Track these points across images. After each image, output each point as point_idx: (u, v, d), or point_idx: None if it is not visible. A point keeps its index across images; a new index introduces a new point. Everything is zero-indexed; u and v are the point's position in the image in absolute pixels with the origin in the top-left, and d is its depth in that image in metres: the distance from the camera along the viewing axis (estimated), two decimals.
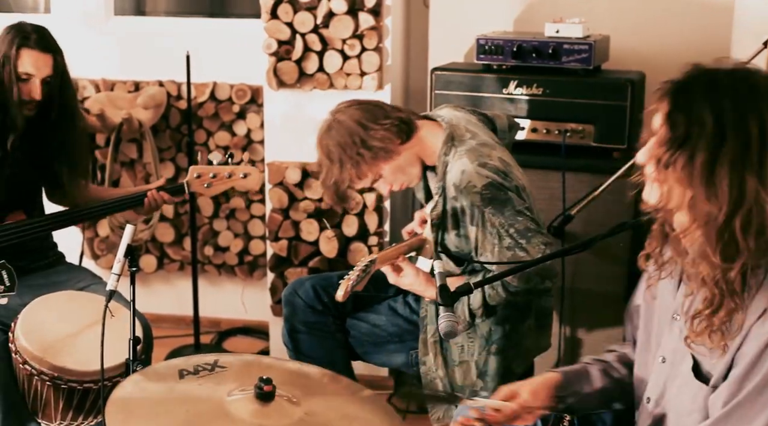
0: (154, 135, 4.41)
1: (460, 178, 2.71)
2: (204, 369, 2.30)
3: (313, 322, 3.10)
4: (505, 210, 2.69)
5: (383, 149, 2.78)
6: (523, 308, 2.89)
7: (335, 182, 2.82)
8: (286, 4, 3.84)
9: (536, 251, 2.66)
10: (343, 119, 2.80)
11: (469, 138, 2.80)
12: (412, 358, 3.03)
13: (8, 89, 3.08)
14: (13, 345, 2.79)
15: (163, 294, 4.72)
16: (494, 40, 3.59)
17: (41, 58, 3.11)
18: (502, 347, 2.88)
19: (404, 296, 3.10)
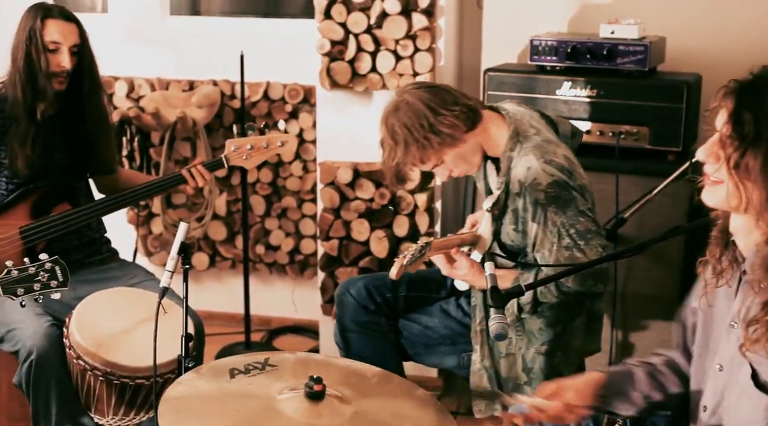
0: (207, 134, 4.45)
1: (525, 175, 2.69)
2: (255, 367, 2.32)
3: (365, 321, 3.10)
4: (568, 210, 2.67)
5: (450, 136, 2.74)
6: (575, 308, 2.87)
7: (397, 163, 2.79)
8: (340, 4, 3.85)
9: (593, 254, 2.64)
10: (412, 101, 2.74)
11: (534, 134, 2.78)
12: (463, 360, 3.02)
13: (36, 61, 3.13)
14: (68, 340, 2.83)
15: (215, 292, 4.76)
16: (548, 40, 3.56)
17: (67, 27, 3.17)
18: (551, 348, 2.86)
19: (456, 299, 3.09)
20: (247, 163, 3.38)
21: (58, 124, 3.26)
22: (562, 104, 3.53)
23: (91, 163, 3.39)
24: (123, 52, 4.57)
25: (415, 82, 2.87)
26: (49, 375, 2.92)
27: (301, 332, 4.66)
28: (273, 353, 2.44)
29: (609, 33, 3.52)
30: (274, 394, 2.17)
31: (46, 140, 3.22)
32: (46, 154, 3.22)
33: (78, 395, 2.90)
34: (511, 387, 2.86)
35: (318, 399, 2.13)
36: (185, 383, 2.25)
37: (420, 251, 2.73)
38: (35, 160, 3.17)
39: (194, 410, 2.13)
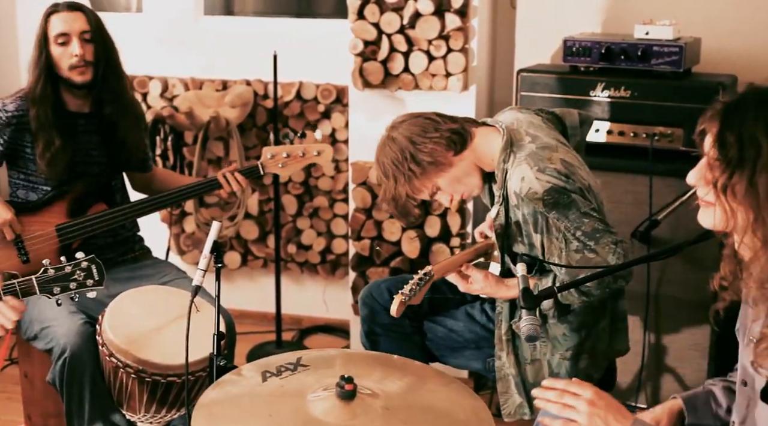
0: (240, 133, 4.46)
1: (520, 186, 2.68)
2: (287, 369, 2.32)
3: (390, 324, 3.10)
4: (570, 213, 2.65)
5: (433, 162, 2.78)
6: (598, 310, 2.85)
7: (393, 198, 2.84)
8: (373, 4, 3.86)
9: (606, 251, 2.62)
10: (395, 136, 2.82)
11: (529, 142, 2.76)
12: (489, 364, 3.01)
13: (51, 58, 3.16)
14: (100, 337, 2.85)
15: (247, 290, 4.78)
16: (582, 41, 3.54)
17: (70, 16, 3.18)
18: (576, 352, 2.85)
19: (481, 303, 3.08)
20: (282, 171, 3.40)
21: (93, 122, 3.29)
22: (596, 105, 3.51)
23: (126, 156, 3.40)
24: (157, 51, 4.60)
25: (404, 114, 2.90)
26: (83, 372, 2.94)
27: (332, 332, 4.67)
28: (305, 352, 2.45)
29: (643, 34, 3.50)
30: (306, 396, 2.17)
31: (82, 139, 3.25)
32: (83, 152, 3.25)
33: (110, 392, 2.92)
34: None
35: (350, 398, 2.13)
36: (218, 389, 2.26)
37: (419, 283, 2.75)
38: (61, 157, 3.20)
39: (227, 416, 2.13)
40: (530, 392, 2.87)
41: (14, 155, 3.25)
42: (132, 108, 3.39)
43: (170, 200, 3.40)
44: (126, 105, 3.34)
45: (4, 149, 3.21)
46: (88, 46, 3.20)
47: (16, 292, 2.48)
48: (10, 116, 3.17)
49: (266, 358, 2.41)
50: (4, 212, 3.13)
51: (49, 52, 3.18)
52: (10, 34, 4.90)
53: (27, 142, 3.21)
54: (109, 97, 3.28)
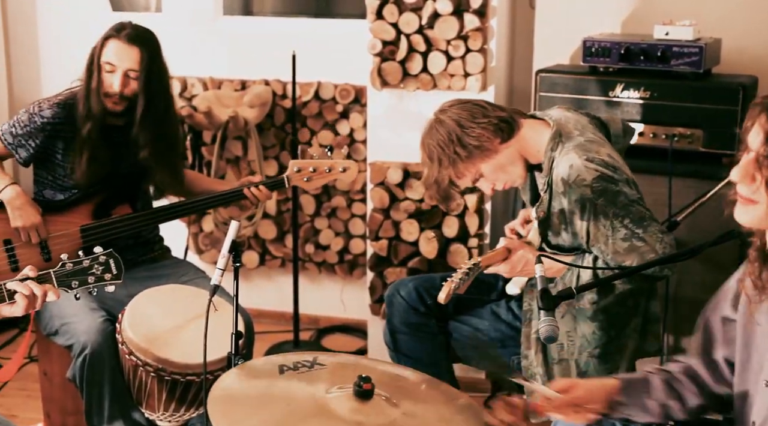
0: (258, 133, 4.47)
1: (568, 173, 2.68)
2: (303, 366, 2.33)
3: (415, 323, 3.10)
4: (618, 200, 2.65)
5: (479, 147, 2.77)
6: (631, 309, 2.84)
7: (435, 181, 2.83)
8: (392, 4, 3.86)
9: (654, 240, 2.62)
10: (443, 119, 2.81)
11: (577, 135, 2.77)
12: (513, 363, 3.01)
13: (90, 79, 3.16)
14: (120, 336, 2.86)
15: (264, 290, 4.79)
16: (601, 42, 3.53)
17: (125, 50, 3.14)
18: (605, 352, 2.84)
19: (507, 302, 3.08)
20: (307, 185, 3.42)
21: (126, 135, 3.27)
22: (615, 106, 3.50)
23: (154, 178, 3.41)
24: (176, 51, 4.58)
25: (452, 100, 2.89)
26: (103, 370, 2.96)
27: (350, 332, 4.67)
28: (321, 353, 2.46)
29: (663, 34, 3.49)
30: (323, 392, 2.18)
31: (111, 150, 3.25)
32: (111, 163, 3.25)
33: (130, 390, 2.94)
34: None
35: (366, 398, 2.14)
36: (234, 378, 2.27)
37: (468, 273, 2.74)
38: (96, 171, 3.21)
39: (243, 405, 2.15)
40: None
41: (44, 158, 3.27)
42: (165, 142, 3.33)
43: (193, 209, 3.44)
44: (161, 150, 3.30)
45: (35, 152, 3.23)
46: (130, 82, 3.17)
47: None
48: (45, 122, 3.18)
49: (283, 354, 2.42)
50: (33, 215, 3.15)
51: (90, 69, 3.16)
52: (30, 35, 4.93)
53: (59, 148, 3.23)
54: (145, 137, 3.24)
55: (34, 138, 3.20)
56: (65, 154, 3.23)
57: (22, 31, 4.88)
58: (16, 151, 3.23)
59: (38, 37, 4.92)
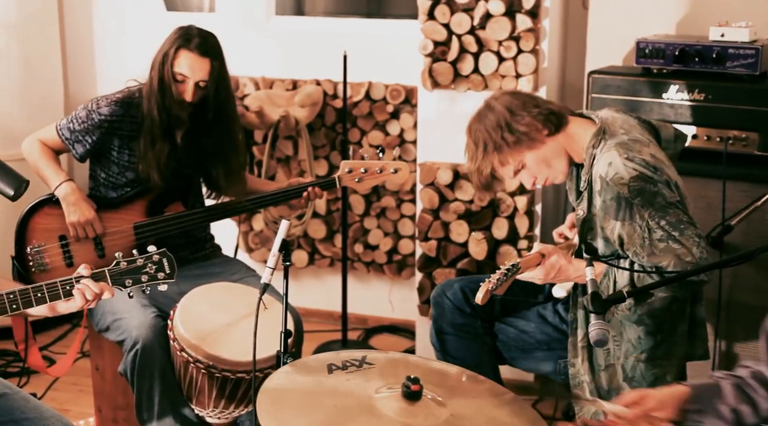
0: (309, 133, 4.49)
1: (606, 170, 2.66)
2: (352, 364, 2.34)
3: (461, 324, 3.10)
4: (655, 201, 2.62)
5: (527, 135, 2.75)
6: (677, 315, 2.81)
7: (478, 168, 2.82)
8: (444, 5, 3.85)
9: (691, 243, 2.58)
10: (494, 105, 2.80)
11: (622, 133, 2.75)
12: (560, 366, 2.99)
13: (167, 87, 3.18)
14: (172, 332, 2.89)
15: (313, 289, 4.81)
16: (655, 43, 3.49)
17: (197, 62, 3.17)
18: (651, 356, 2.81)
19: (554, 304, 3.06)
20: (359, 186, 3.43)
21: (188, 136, 3.31)
22: (668, 108, 3.46)
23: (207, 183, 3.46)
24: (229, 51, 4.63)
25: (504, 89, 2.88)
26: (153, 365, 2.99)
27: (398, 332, 4.67)
28: (370, 351, 2.46)
29: (719, 36, 3.44)
30: (371, 392, 2.19)
31: (173, 152, 3.28)
32: (173, 164, 3.29)
33: (180, 386, 2.97)
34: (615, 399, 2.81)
35: (414, 399, 2.14)
36: (283, 376, 2.29)
37: (506, 274, 2.72)
38: (163, 171, 3.25)
39: (292, 403, 2.16)
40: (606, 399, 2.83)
41: (99, 155, 3.31)
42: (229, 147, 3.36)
43: (244, 208, 3.47)
44: (226, 155, 3.34)
45: (91, 148, 3.28)
46: (199, 92, 3.21)
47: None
48: (102, 120, 3.23)
49: (332, 353, 2.43)
50: (87, 211, 3.20)
51: (162, 76, 3.17)
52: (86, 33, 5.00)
53: (114, 146, 3.27)
54: (212, 144, 3.30)
55: (91, 134, 3.24)
56: (120, 151, 3.28)
57: (79, 30, 4.96)
58: (73, 147, 3.28)
59: (93, 35, 4.99)
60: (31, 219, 3.23)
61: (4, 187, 2.41)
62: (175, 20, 4.77)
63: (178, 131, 3.26)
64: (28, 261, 3.20)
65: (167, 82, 3.17)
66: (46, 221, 3.23)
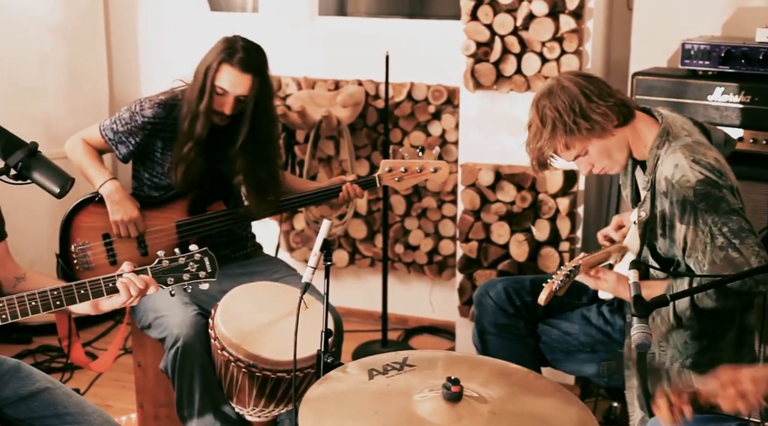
0: (351, 133, 4.50)
1: (672, 172, 2.62)
2: (393, 368, 2.33)
3: (504, 324, 3.09)
4: (720, 207, 2.58)
5: (600, 124, 2.69)
6: (726, 322, 2.77)
7: (541, 147, 2.74)
8: (487, 6, 3.84)
9: (750, 253, 2.54)
10: (567, 85, 2.71)
11: (685, 135, 2.72)
12: (603, 369, 2.97)
13: (202, 98, 3.19)
14: (213, 331, 2.91)
15: (353, 289, 4.81)
16: (701, 44, 3.46)
17: (238, 78, 3.17)
18: (697, 361, 2.77)
19: (598, 306, 3.04)
20: (398, 185, 3.43)
21: (226, 140, 3.31)
22: (714, 110, 3.42)
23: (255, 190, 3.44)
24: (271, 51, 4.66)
25: (571, 70, 2.81)
26: (194, 363, 3.01)
27: (438, 333, 4.67)
28: (411, 352, 2.46)
29: (765, 37, 3.40)
30: (412, 396, 2.18)
31: (210, 153, 3.29)
32: (209, 164, 3.29)
33: (221, 384, 2.98)
34: None
35: (456, 400, 2.13)
36: (325, 384, 2.28)
37: (569, 275, 2.69)
38: (193, 177, 3.26)
39: (332, 413, 2.15)
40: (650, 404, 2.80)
41: (143, 156, 3.34)
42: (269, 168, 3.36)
43: (286, 207, 3.48)
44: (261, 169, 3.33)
45: (134, 150, 3.30)
46: (239, 104, 3.21)
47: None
48: (145, 121, 3.25)
49: (373, 357, 2.43)
50: (130, 209, 3.23)
51: (203, 87, 3.18)
52: (131, 34, 5.04)
53: (157, 147, 3.30)
54: (245, 160, 3.29)
55: (134, 136, 3.27)
56: (163, 152, 3.30)
57: (123, 31, 5.01)
58: (116, 148, 3.31)
59: (138, 36, 5.04)
60: (76, 217, 3.26)
61: (50, 185, 2.43)
62: (218, 21, 4.82)
63: (190, 142, 3.22)
64: (72, 259, 3.24)
65: (206, 93, 3.18)
66: (91, 219, 3.27)
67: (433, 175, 3.41)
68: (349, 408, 2.17)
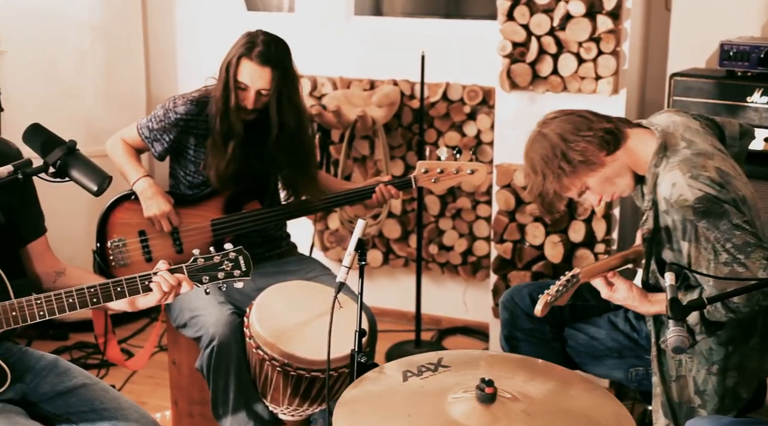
0: (386, 133, 4.50)
1: (670, 192, 2.60)
2: (427, 369, 2.33)
3: (530, 329, 3.08)
4: (721, 224, 2.55)
5: (584, 162, 2.70)
6: (748, 328, 2.74)
7: (540, 194, 2.78)
8: (523, 6, 3.82)
9: (757, 266, 2.50)
10: (546, 132, 2.75)
11: (684, 147, 2.67)
12: (631, 375, 2.95)
13: (228, 95, 3.20)
14: (248, 330, 2.92)
15: (387, 289, 4.81)
16: (740, 45, 3.43)
17: (257, 71, 3.18)
18: (723, 368, 2.74)
19: (625, 311, 3.01)
20: (434, 186, 3.42)
21: (257, 135, 3.32)
22: (753, 112, 3.39)
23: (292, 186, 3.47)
24: (308, 51, 4.69)
25: (556, 110, 2.82)
26: (229, 361, 3.03)
27: (471, 334, 4.66)
28: (446, 353, 2.45)
29: None
30: (446, 397, 2.18)
31: (243, 150, 3.30)
32: (242, 162, 3.31)
33: (255, 383, 3.00)
34: (686, 412, 2.76)
35: (490, 401, 2.12)
36: (359, 387, 2.28)
37: (566, 285, 2.70)
38: (229, 172, 3.28)
39: (366, 415, 2.16)
40: (676, 411, 2.78)
41: (177, 154, 3.37)
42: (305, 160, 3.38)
43: (321, 206, 3.48)
44: (297, 161, 3.36)
45: (169, 147, 3.33)
46: (261, 99, 3.23)
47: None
48: (178, 118, 3.28)
49: (407, 358, 2.43)
50: (163, 204, 3.26)
51: (226, 84, 3.20)
52: (168, 33, 5.08)
53: (191, 144, 3.32)
54: (282, 155, 3.32)
55: (168, 133, 3.29)
56: (196, 150, 3.32)
57: (161, 31, 5.04)
58: (152, 145, 3.33)
59: (175, 36, 5.07)
60: (112, 214, 3.29)
61: (88, 183, 2.46)
62: (255, 20, 4.84)
63: (231, 141, 3.24)
64: (108, 255, 3.26)
65: (230, 90, 3.20)
66: (127, 216, 3.30)
67: (469, 176, 3.39)
68: (383, 409, 2.17)
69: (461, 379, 2.26)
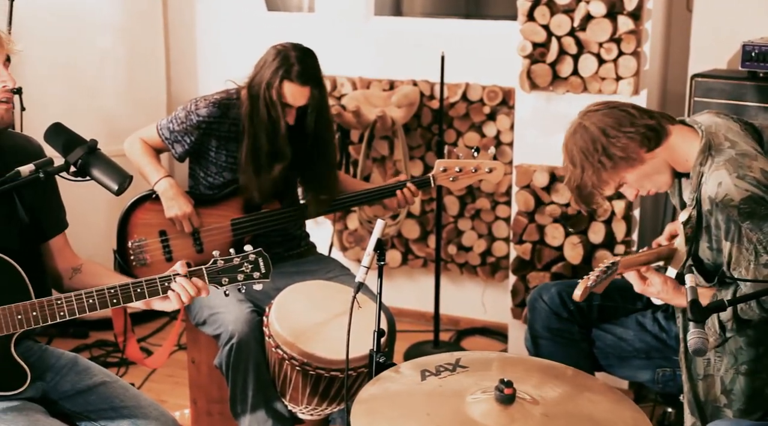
0: (405, 133, 4.50)
1: (716, 191, 2.58)
2: (446, 369, 2.33)
3: (557, 328, 3.07)
4: (765, 225, 2.54)
5: (624, 158, 2.69)
6: None
7: (577, 186, 2.77)
8: (544, 6, 3.82)
9: None
10: (587, 124, 2.73)
11: (728, 147, 2.66)
12: (658, 376, 2.94)
13: (276, 117, 3.22)
14: (267, 329, 2.93)
15: (406, 289, 4.81)
16: (762, 46, 3.41)
17: (298, 91, 3.21)
18: (752, 369, 2.73)
19: (653, 312, 3.00)
20: (453, 185, 3.43)
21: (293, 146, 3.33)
22: None
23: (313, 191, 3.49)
24: (327, 51, 4.68)
25: (599, 102, 2.80)
26: (248, 359, 3.03)
27: (490, 334, 4.65)
28: (464, 353, 2.45)
29: None
30: (465, 397, 2.17)
31: (270, 155, 3.31)
32: (269, 164, 3.31)
33: (274, 382, 3.00)
34: (711, 411, 2.74)
35: (508, 402, 2.12)
36: (377, 385, 2.29)
37: (606, 272, 2.68)
38: (265, 193, 3.31)
39: (385, 413, 2.16)
40: (703, 410, 2.76)
41: (198, 155, 3.38)
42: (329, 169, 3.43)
43: (340, 206, 3.49)
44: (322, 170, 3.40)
45: (190, 149, 3.34)
46: (298, 112, 3.26)
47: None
48: (200, 120, 3.29)
49: (425, 357, 2.43)
50: (185, 205, 3.27)
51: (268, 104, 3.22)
52: (188, 35, 5.10)
53: (212, 146, 3.33)
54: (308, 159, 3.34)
55: (190, 135, 3.31)
56: (218, 152, 3.33)
57: (181, 31, 5.06)
58: (172, 146, 3.34)
59: (196, 36, 5.09)
60: (133, 214, 3.31)
61: (109, 182, 2.47)
62: (275, 21, 4.85)
63: (278, 165, 3.28)
64: (129, 255, 3.28)
65: (279, 113, 3.22)
66: (147, 216, 3.31)
67: (488, 175, 3.39)
68: (402, 409, 2.17)
69: (480, 380, 2.26)
